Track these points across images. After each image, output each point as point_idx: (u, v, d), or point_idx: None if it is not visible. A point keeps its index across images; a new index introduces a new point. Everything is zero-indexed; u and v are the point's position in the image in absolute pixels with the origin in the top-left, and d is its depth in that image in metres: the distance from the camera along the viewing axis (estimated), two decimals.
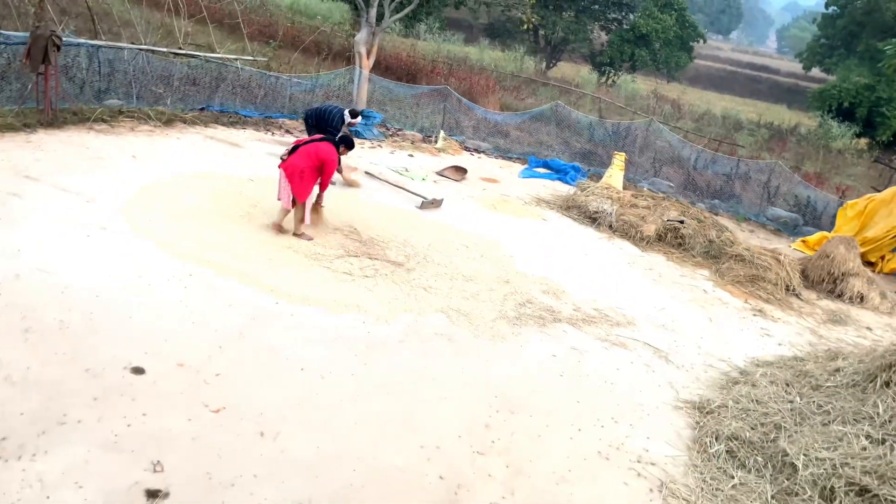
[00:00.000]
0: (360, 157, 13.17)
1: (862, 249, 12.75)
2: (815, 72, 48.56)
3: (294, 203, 8.41)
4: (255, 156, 11.74)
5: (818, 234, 13.68)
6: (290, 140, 12.62)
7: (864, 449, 5.24)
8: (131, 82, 13.03)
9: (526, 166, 16.52)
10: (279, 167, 8.36)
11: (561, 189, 14.60)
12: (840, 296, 10.78)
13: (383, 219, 9.96)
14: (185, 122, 12.50)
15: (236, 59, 15.58)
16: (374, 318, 6.92)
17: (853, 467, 5.05)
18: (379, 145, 15.41)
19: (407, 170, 13.37)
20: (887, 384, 5.84)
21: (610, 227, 12.06)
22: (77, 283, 6.23)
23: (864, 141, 32.16)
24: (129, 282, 6.49)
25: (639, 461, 5.52)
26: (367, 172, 12.33)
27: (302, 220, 8.52)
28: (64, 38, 10.87)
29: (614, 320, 8.23)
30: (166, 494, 4.07)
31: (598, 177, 15.56)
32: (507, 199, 12.89)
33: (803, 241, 13.84)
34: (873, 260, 12.92)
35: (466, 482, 4.83)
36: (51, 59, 10.16)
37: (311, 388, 5.51)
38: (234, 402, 5.10)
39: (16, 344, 5.19)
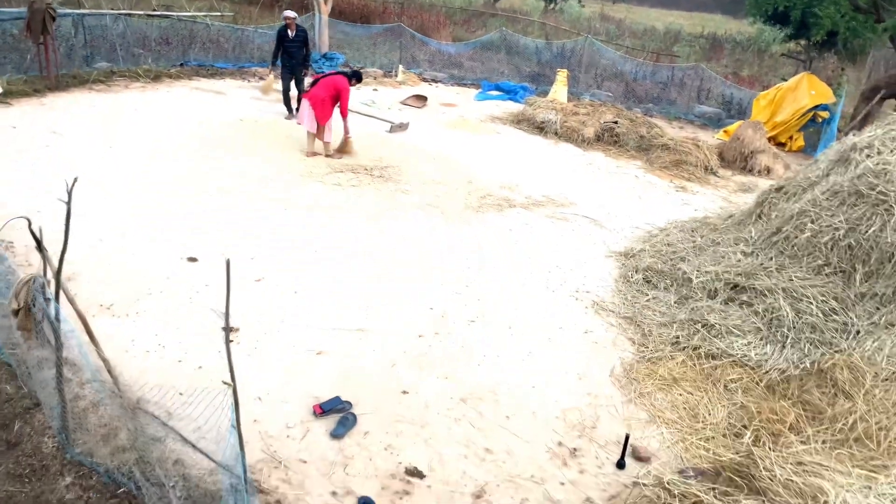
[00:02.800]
0: None
1: (774, 132, 14.46)
2: None
3: (319, 129, 10.07)
4: (241, 100, 12.95)
5: (736, 123, 15.27)
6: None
7: (739, 261, 6.91)
8: (115, 46, 14.01)
9: (480, 90, 17.81)
10: (303, 97, 10.00)
11: (512, 107, 15.98)
12: (750, 171, 12.46)
13: (360, 143, 11.32)
14: (171, 77, 13.62)
15: (205, 16, 16.49)
16: (370, 213, 8.41)
17: (729, 272, 6.72)
18: None
19: (374, 102, 14.64)
20: (759, 216, 7.50)
21: (555, 133, 13.54)
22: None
23: (801, 43, 33.56)
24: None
25: (577, 291, 7.15)
26: (364, 114, 13.62)
27: (328, 141, 10.24)
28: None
29: (559, 203, 9.80)
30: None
31: (546, 94, 16.94)
32: (465, 119, 14.25)
33: (724, 131, 15.45)
34: (784, 140, 14.60)
35: (449, 311, 6.42)
36: (49, 29, 11.17)
37: (338, 239, 7.02)
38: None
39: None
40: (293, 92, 12.30)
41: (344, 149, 10.47)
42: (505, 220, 8.88)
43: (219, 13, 17.38)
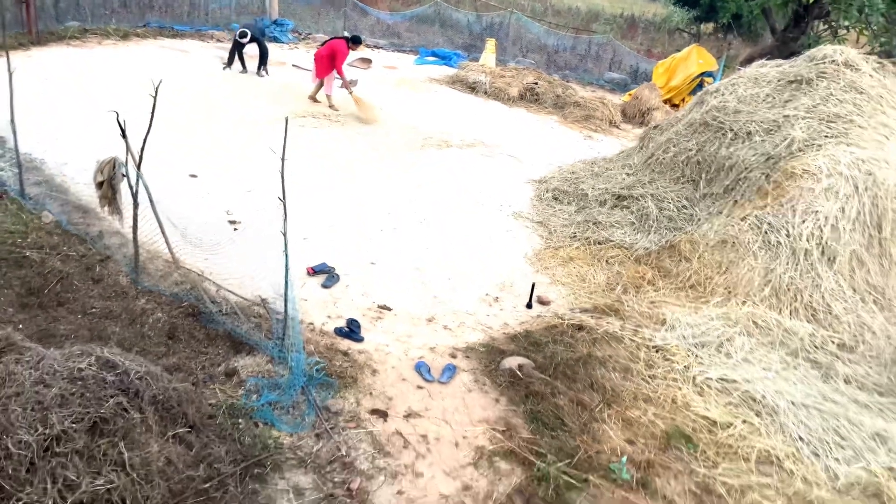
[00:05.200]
0: (284, 57, 15.61)
1: (669, 95, 16.51)
2: None
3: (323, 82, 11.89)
4: (205, 58, 14.02)
5: (639, 87, 17.28)
6: (226, 46, 14.89)
7: (623, 179, 8.75)
8: (83, 7, 14.75)
9: (418, 56, 19.24)
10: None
11: (447, 71, 17.51)
12: (647, 124, 14.39)
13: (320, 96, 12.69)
14: (138, 36, 14.51)
15: None
16: (335, 148, 9.87)
17: (615, 188, 8.55)
18: (296, 47, 17.72)
19: None
20: (641, 148, 9.36)
21: (485, 92, 15.19)
22: None
23: (710, 25, 36.19)
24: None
25: (501, 206, 8.84)
26: (294, 65, 14.84)
27: (328, 94, 11.90)
28: None
29: (487, 145, 11.47)
30: None
31: (477, 61, 18.53)
32: (407, 79, 15.71)
33: (629, 94, 17.42)
34: (677, 102, 16.67)
35: (403, 214, 8.00)
36: None
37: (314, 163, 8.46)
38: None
39: None
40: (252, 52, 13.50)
41: (357, 102, 11.82)
42: (443, 155, 10.49)
43: None
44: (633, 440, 4.70)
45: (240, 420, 4.15)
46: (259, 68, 13.34)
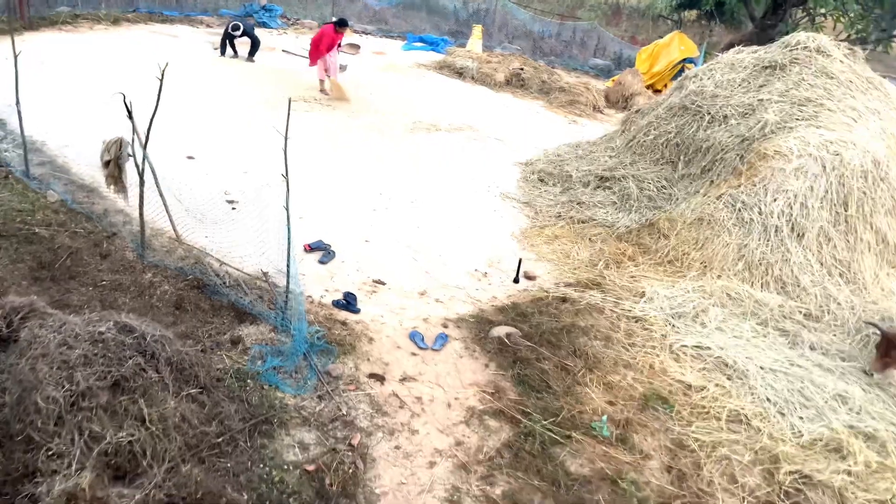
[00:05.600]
0: (274, 42, 15.71)
1: (651, 80, 16.80)
2: None
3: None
4: (196, 43, 14.11)
5: (622, 73, 17.56)
6: (217, 31, 14.99)
7: (606, 161, 9.05)
8: None
9: (406, 42, 19.38)
10: None
11: (435, 56, 17.68)
12: (629, 109, 14.68)
13: (308, 81, 12.84)
14: (128, 21, 14.58)
15: None
16: (328, 131, 10.07)
17: (598, 169, 8.85)
18: (284, 32, 17.82)
19: None
20: (623, 131, 9.65)
21: (472, 78, 15.40)
22: None
23: (694, 13, 36.54)
24: None
25: (488, 187, 9.10)
26: (284, 50, 14.96)
27: (321, 79, 12.09)
28: None
29: (474, 129, 11.71)
30: None
31: (464, 47, 18.71)
32: (395, 64, 15.89)
33: (613, 80, 17.69)
34: (660, 88, 16.96)
35: (394, 195, 8.25)
36: None
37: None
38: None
39: None
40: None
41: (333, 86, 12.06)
42: (432, 139, 10.73)
43: None
44: (613, 402, 5.01)
45: (248, 381, 4.42)
46: (249, 55, 13.48)
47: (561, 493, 4.13)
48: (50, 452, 3.36)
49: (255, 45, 13.50)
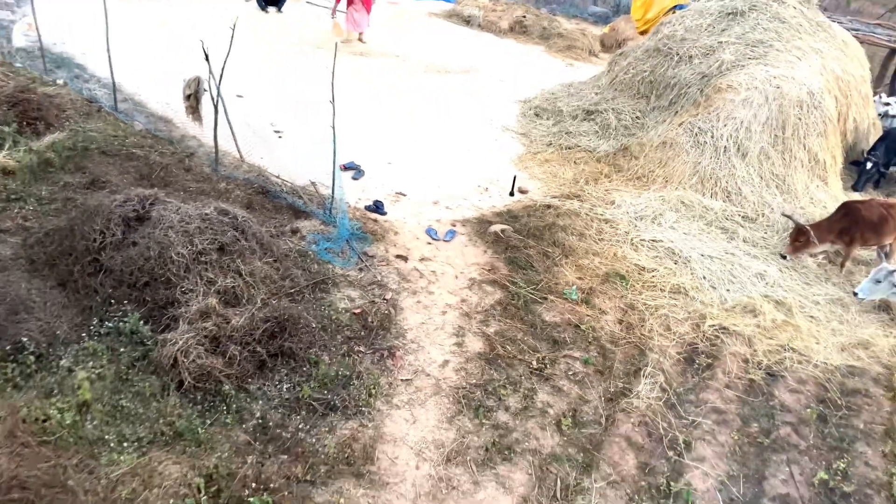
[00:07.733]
0: None
1: (645, 27, 17.59)
2: None
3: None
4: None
5: (617, 20, 18.36)
6: None
7: (592, 98, 10.19)
8: None
9: None
10: None
11: (445, 6, 18.51)
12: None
13: (325, 30, 13.90)
14: None
15: None
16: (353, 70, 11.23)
17: (585, 104, 10.01)
18: None
19: None
20: (608, 71, 10.75)
21: (479, 25, 16.35)
22: None
23: None
24: None
25: (491, 120, 10.30)
26: (307, 1, 15.96)
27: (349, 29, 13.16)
28: None
29: (480, 71, 12.81)
30: None
31: None
32: (407, 13, 16.83)
33: (609, 27, 18.52)
34: None
35: (416, 119, 9.49)
36: None
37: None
38: None
39: None
40: None
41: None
42: (443, 79, 11.88)
43: None
44: (582, 277, 6.38)
45: (307, 257, 5.81)
46: (278, 6, 14.51)
47: (537, 332, 5.54)
48: (183, 289, 4.77)
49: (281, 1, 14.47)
